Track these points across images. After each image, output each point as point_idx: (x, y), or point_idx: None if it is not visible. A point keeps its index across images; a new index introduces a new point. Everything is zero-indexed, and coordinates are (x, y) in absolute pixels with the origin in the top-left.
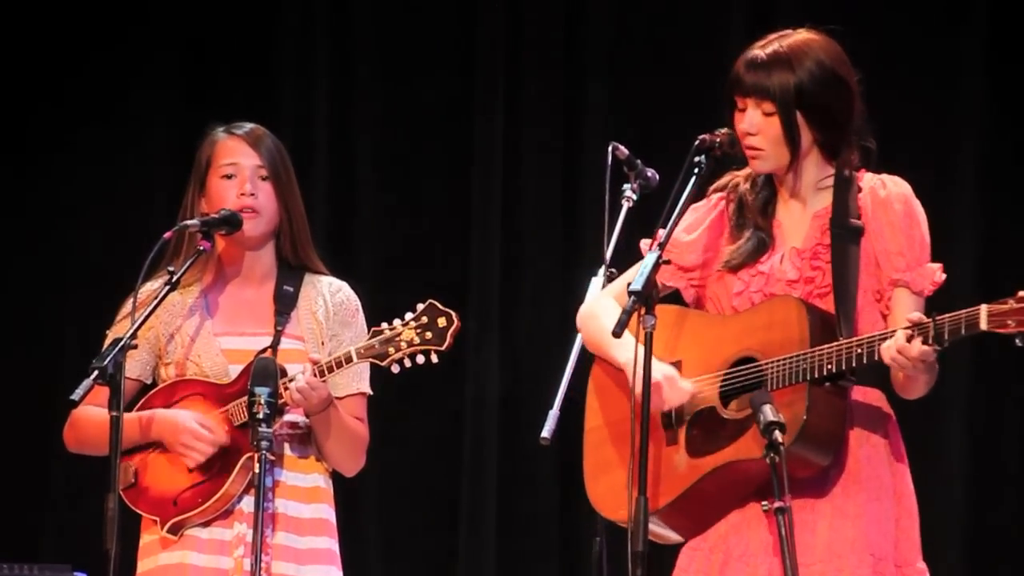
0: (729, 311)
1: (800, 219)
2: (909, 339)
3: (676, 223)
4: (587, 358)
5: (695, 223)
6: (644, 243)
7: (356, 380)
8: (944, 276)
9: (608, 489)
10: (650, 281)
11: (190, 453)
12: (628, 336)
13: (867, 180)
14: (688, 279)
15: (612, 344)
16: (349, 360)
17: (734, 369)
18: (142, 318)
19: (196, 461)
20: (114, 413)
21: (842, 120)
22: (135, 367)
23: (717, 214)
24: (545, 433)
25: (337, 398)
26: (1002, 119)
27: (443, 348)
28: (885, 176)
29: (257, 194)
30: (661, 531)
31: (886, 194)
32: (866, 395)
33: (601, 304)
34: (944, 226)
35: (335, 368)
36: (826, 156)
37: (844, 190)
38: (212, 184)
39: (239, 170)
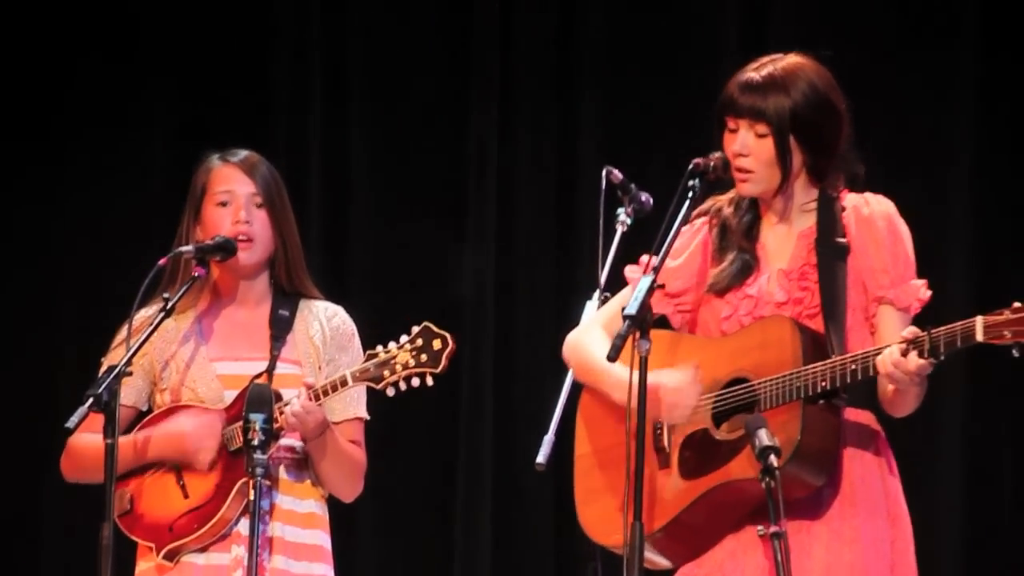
0: (718, 335)
1: (785, 240)
2: (905, 353)
3: (670, 247)
4: (580, 384)
5: (680, 248)
6: (629, 269)
7: (353, 405)
8: (929, 293)
9: (600, 515)
10: (644, 305)
11: (199, 456)
12: (619, 364)
13: (850, 199)
14: (676, 305)
15: (603, 373)
16: (344, 383)
17: (726, 390)
18: (136, 345)
19: (209, 459)
20: (109, 441)
21: (832, 144)
22: (130, 394)
23: (701, 239)
24: (540, 459)
25: (334, 423)
26: (996, 132)
27: (438, 371)
28: (868, 194)
29: (252, 222)
30: (652, 556)
31: (869, 212)
32: (857, 416)
33: (589, 334)
34: (938, 239)
35: (330, 391)
36: (812, 179)
37: (828, 209)
38: (207, 211)
39: (234, 197)
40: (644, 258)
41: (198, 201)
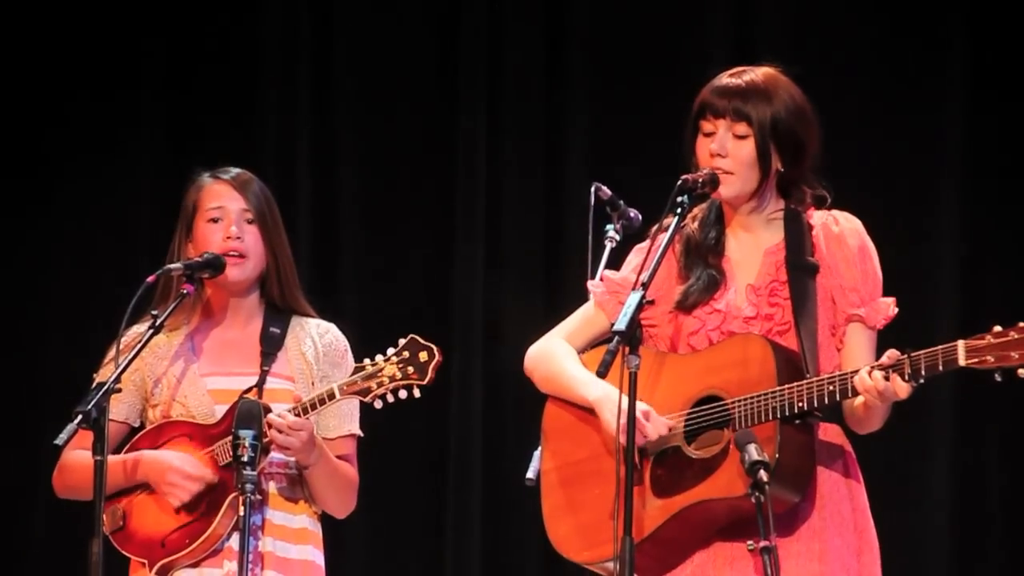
0: (686, 351)
1: (751, 254)
2: (886, 376)
3: (660, 263)
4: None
5: (643, 264)
6: (591, 284)
7: (347, 421)
8: (896, 311)
9: (572, 531)
10: (634, 321)
11: (176, 492)
12: (589, 373)
13: (817, 216)
14: (640, 318)
15: (576, 383)
16: (332, 397)
17: (698, 408)
18: (126, 362)
19: (182, 500)
20: (98, 457)
21: (805, 155)
22: (122, 410)
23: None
24: (530, 474)
25: (327, 439)
26: (984, 143)
27: (425, 382)
28: (836, 212)
29: (243, 237)
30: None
31: (839, 230)
32: (826, 431)
33: (552, 345)
34: (927, 249)
35: (318, 405)
36: (780, 190)
37: (795, 227)
38: (199, 228)
39: (225, 213)
40: (607, 273)
41: (190, 218)
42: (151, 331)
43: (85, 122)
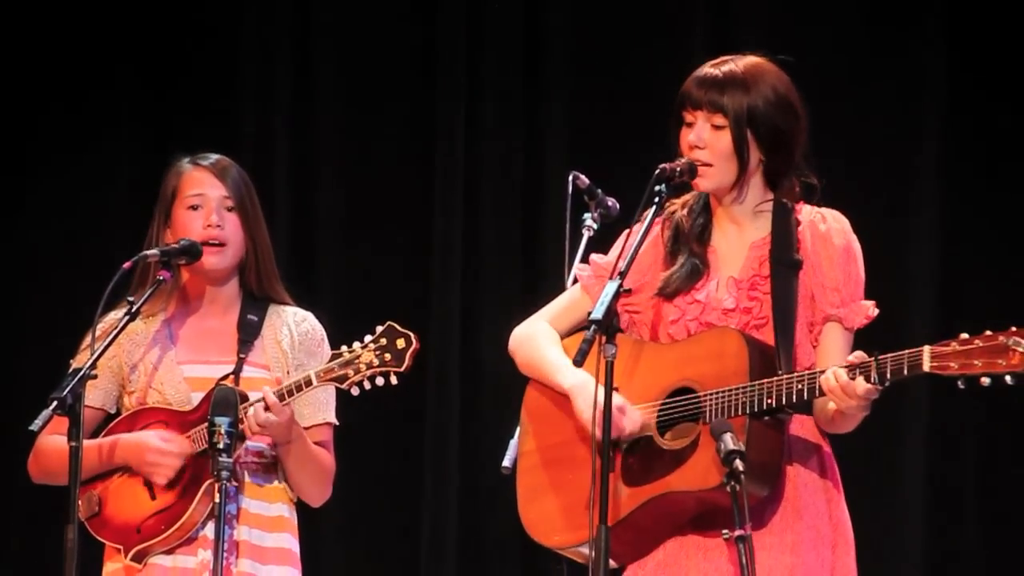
0: (665, 339)
1: (737, 247)
2: (852, 377)
3: (637, 252)
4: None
5: (629, 249)
6: (578, 267)
7: (322, 410)
8: (876, 312)
9: (541, 515)
10: (611, 310)
11: (158, 469)
12: (567, 359)
13: (806, 213)
14: (624, 306)
15: (553, 369)
16: (309, 383)
17: (672, 400)
18: (101, 348)
19: (166, 476)
20: (73, 443)
21: (789, 146)
22: (98, 396)
23: (653, 241)
24: (506, 462)
25: (303, 428)
26: (963, 135)
27: (402, 369)
28: (824, 210)
29: (223, 225)
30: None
31: (826, 228)
32: (802, 423)
33: (536, 328)
34: (905, 245)
35: (295, 391)
36: (767, 181)
37: (783, 222)
38: (178, 215)
39: (205, 201)
40: (595, 257)
41: (168, 204)
42: (127, 317)
43: (61, 120)
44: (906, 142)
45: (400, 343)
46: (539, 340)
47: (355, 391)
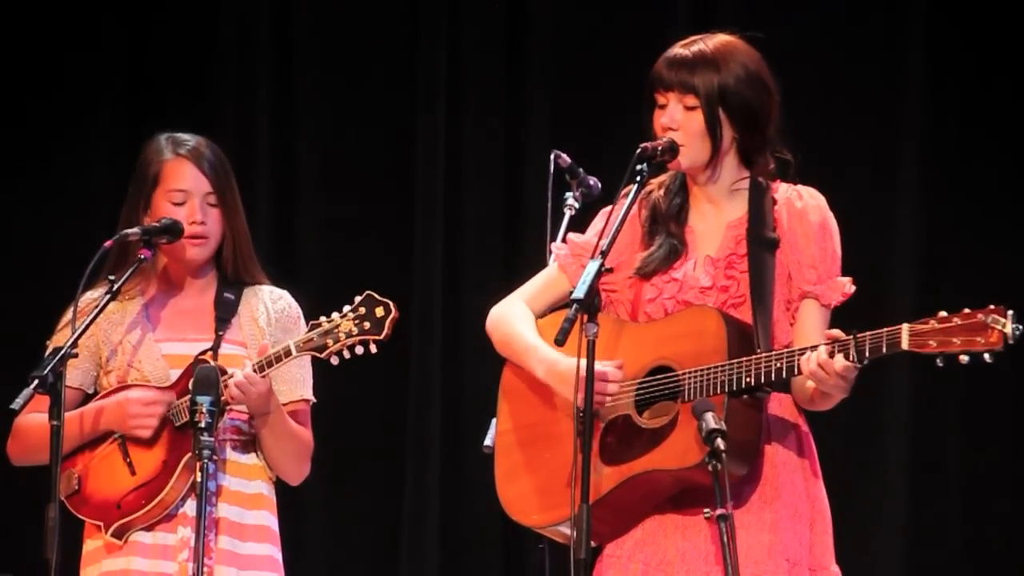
0: (643, 318)
1: (714, 226)
2: (831, 354)
3: (619, 231)
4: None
5: (611, 228)
6: (555, 246)
7: (299, 387)
8: (853, 289)
9: (518, 494)
10: (593, 289)
11: (142, 422)
12: (541, 340)
13: (782, 191)
14: (601, 284)
15: (524, 350)
16: (288, 354)
17: (650, 378)
18: (82, 327)
19: (151, 426)
20: (54, 422)
21: (762, 123)
22: (77, 376)
23: (629, 220)
24: (488, 441)
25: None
26: (944, 120)
27: (381, 337)
28: (801, 187)
29: (207, 221)
30: (572, 533)
31: (802, 205)
32: (781, 401)
33: (511, 308)
34: (886, 226)
35: (274, 363)
36: (742, 159)
37: (759, 200)
38: (159, 205)
39: (189, 197)
40: (572, 236)
41: (149, 190)
42: (108, 296)
43: (37, 82)
44: (888, 119)
45: (379, 311)
46: (514, 321)
47: (335, 360)
